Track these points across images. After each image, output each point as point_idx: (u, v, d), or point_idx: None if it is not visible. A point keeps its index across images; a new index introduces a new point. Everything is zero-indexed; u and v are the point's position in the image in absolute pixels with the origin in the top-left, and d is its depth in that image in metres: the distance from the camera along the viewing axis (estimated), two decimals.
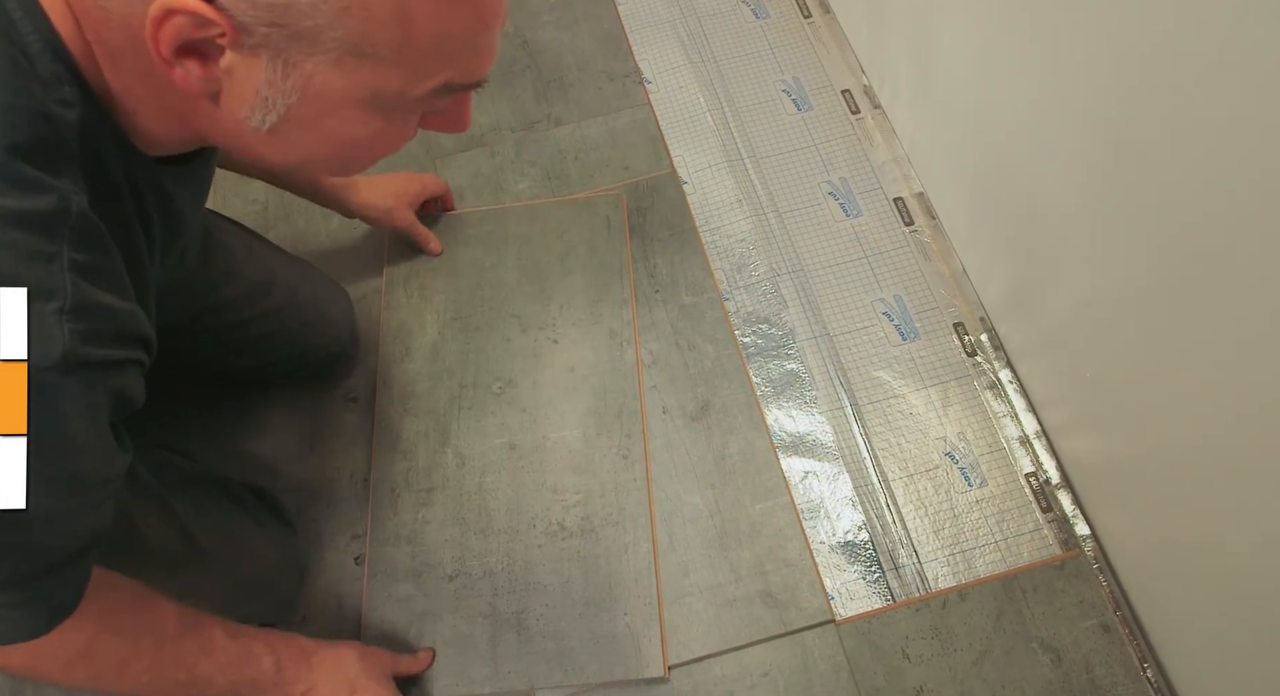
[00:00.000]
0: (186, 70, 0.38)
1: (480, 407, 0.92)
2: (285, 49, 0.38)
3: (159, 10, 0.35)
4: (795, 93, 1.12)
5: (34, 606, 0.46)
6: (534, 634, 0.83)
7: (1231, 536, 0.64)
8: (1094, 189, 0.68)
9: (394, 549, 0.87)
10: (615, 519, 0.87)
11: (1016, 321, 0.91)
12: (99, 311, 0.39)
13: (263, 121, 0.41)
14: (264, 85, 0.39)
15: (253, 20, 0.36)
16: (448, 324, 0.98)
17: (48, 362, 0.36)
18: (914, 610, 0.83)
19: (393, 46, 0.38)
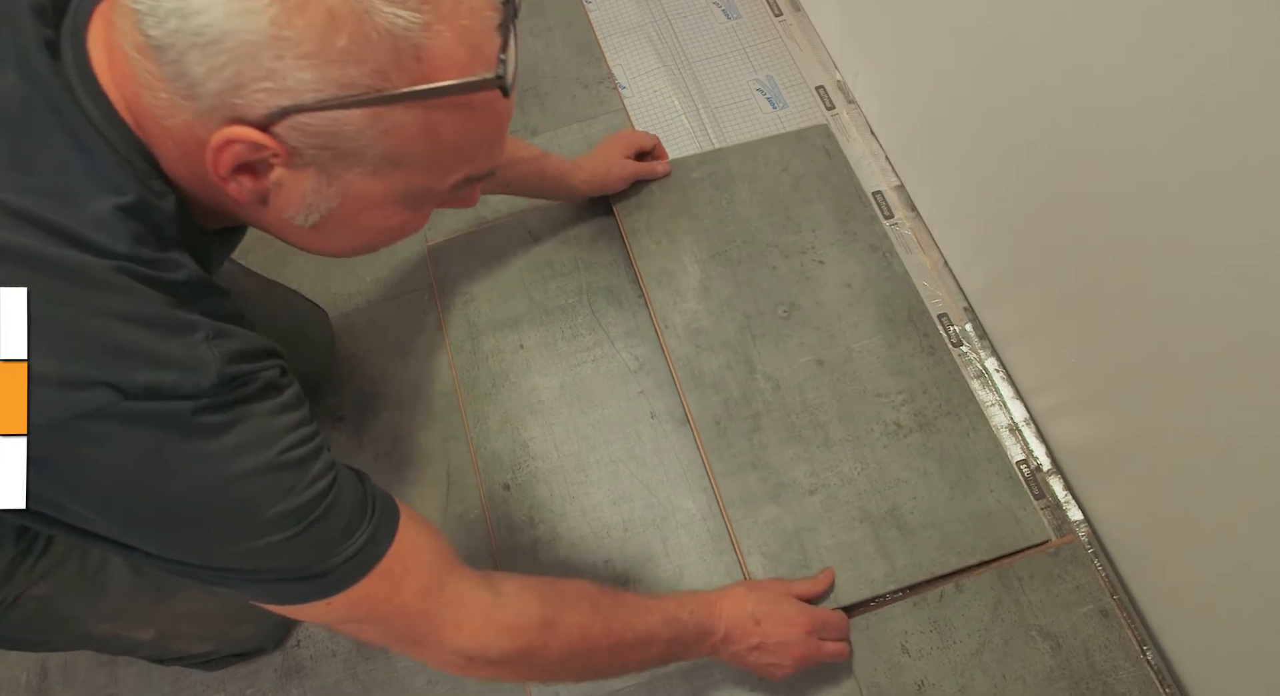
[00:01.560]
0: (240, 183, 0.44)
1: (774, 333, 0.96)
2: (330, 165, 0.44)
3: (221, 139, 0.41)
4: (770, 91, 1.12)
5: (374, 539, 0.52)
6: (914, 526, 0.85)
7: (1223, 515, 0.65)
8: (1069, 175, 0.68)
9: (743, 476, 0.89)
10: (946, 409, 0.91)
11: (999, 309, 0.91)
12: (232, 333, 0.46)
13: (305, 219, 0.47)
14: (309, 193, 0.45)
15: (303, 144, 0.42)
16: (707, 261, 1.01)
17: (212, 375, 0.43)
18: (912, 604, 0.83)
19: (423, 156, 0.44)
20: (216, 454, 0.43)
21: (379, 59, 0.39)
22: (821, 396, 0.92)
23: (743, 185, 1.06)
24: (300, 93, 0.39)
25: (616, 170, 1.02)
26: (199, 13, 0.38)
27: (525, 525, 0.90)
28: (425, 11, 0.39)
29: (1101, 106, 0.62)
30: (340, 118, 0.41)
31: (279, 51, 0.38)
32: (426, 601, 0.54)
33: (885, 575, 0.83)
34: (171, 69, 0.40)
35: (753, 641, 0.74)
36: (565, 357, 0.98)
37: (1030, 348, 0.88)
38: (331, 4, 0.38)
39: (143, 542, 0.45)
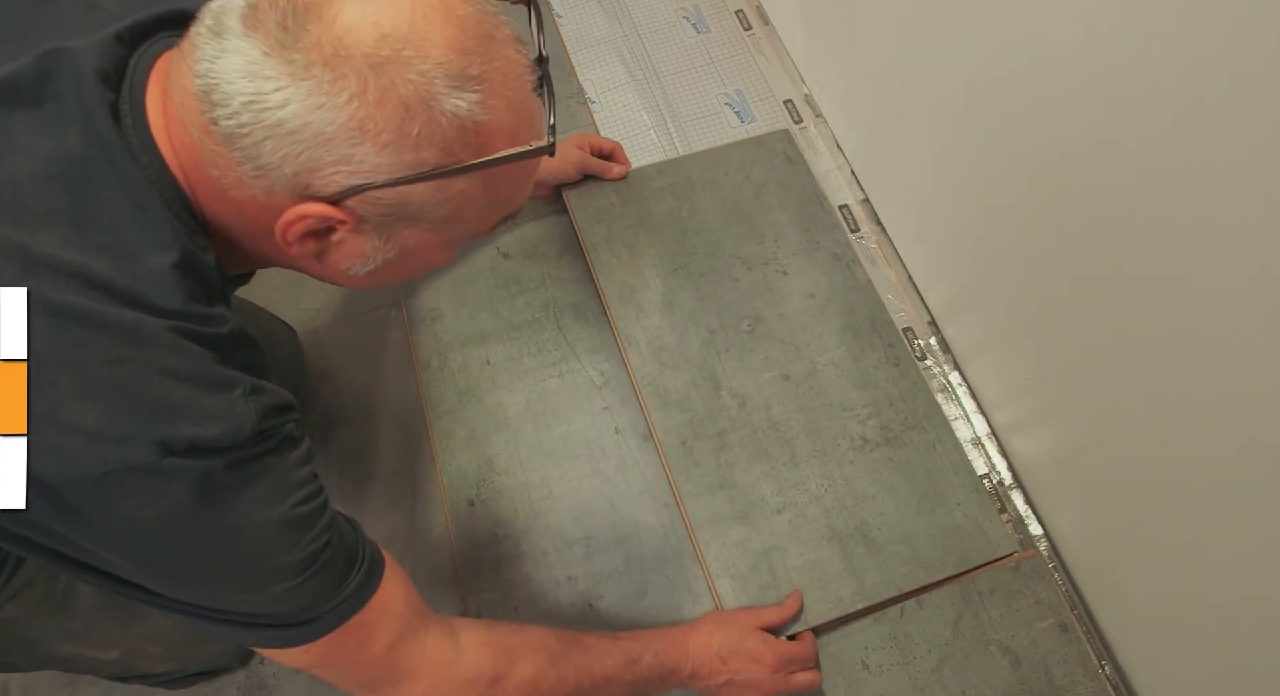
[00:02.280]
0: (303, 245, 0.48)
1: (739, 347, 0.96)
2: (392, 226, 0.48)
3: (294, 215, 0.45)
4: (738, 105, 1.13)
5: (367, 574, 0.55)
6: (882, 542, 0.85)
7: (1178, 532, 0.66)
8: (1031, 192, 0.69)
9: (710, 497, 0.89)
10: (912, 422, 0.91)
11: (961, 323, 0.91)
12: (266, 389, 0.49)
13: (360, 270, 0.52)
14: (369, 250, 0.50)
15: (371, 213, 0.46)
16: (670, 275, 1.00)
17: (247, 430, 0.45)
18: (873, 620, 0.83)
19: (478, 210, 0.50)
20: (238, 507, 0.46)
21: (446, 140, 0.44)
22: (788, 412, 0.93)
23: (704, 194, 1.06)
24: (374, 174, 0.44)
25: (568, 154, 1.02)
26: (277, 107, 0.41)
27: (489, 541, 0.91)
28: (482, 90, 0.44)
29: (1062, 124, 0.62)
30: (409, 191, 0.45)
31: (357, 140, 0.43)
32: (393, 653, 0.56)
33: (854, 593, 0.84)
34: (242, 154, 0.43)
35: (720, 679, 0.75)
36: (531, 373, 0.98)
37: (991, 362, 0.89)
38: (405, 96, 0.42)
39: (150, 583, 0.47)
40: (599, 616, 0.86)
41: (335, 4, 0.42)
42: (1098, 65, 0.56)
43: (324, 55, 0.41)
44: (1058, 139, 0.63)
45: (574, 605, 0.87)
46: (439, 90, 0.43)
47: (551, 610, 0.86)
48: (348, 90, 0.41)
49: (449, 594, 0.89)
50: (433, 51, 0.43)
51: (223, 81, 0.42)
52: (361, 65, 0.41)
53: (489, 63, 0.44)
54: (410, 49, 0.42)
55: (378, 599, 0.55)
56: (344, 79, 0.41)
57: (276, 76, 0.41)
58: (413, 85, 0.42)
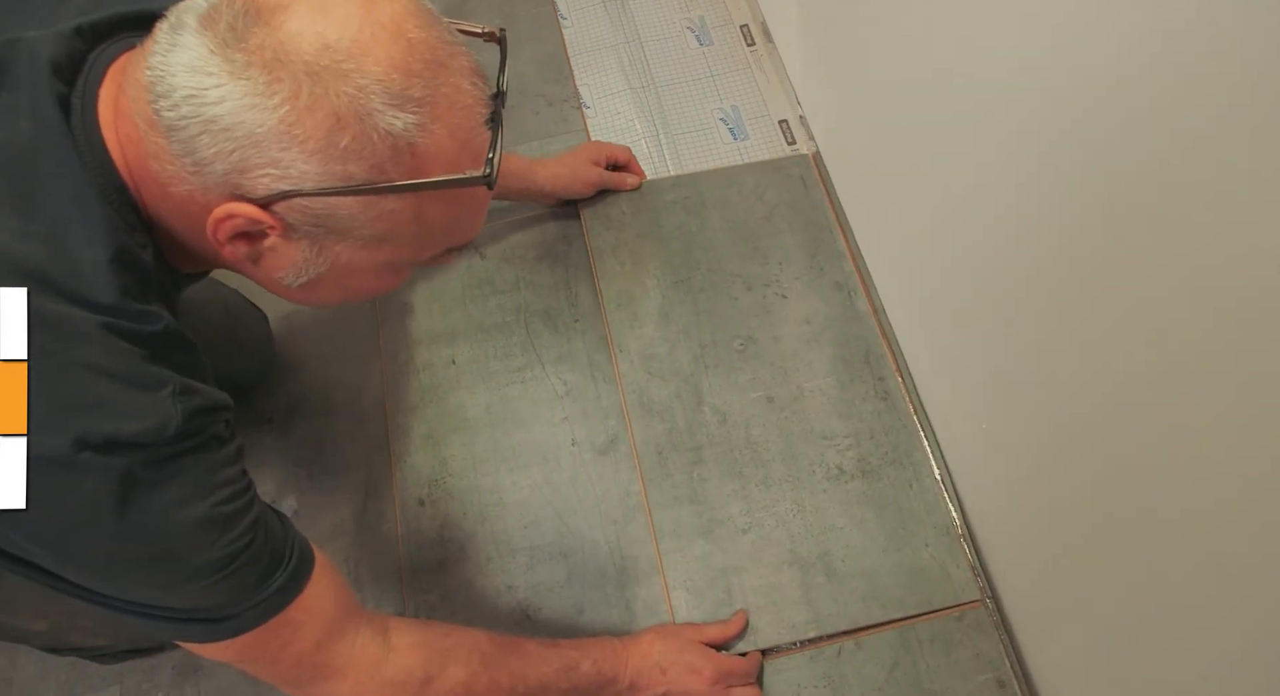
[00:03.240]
0: (235, 247, 0.48)
1: (728, 365, 0.98)
2: (322, 238, 0.49)
3: (223, 213, 0.45)
4: (732, 121, 1.13)
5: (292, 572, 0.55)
6: (843, 574, 0.87)
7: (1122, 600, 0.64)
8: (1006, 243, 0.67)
9: (678, 509, 0.91)
10: (892, 458, 0.92)
11: (928, 362, 0.90)
12: (196, 390, 0.49)
13: (294, 280, 0.52)
14: (300, 260, 0.50)
15: (299, 222, 0.47)
16: (670, 287, 1.03)
17: (171, 429, 0.46)
18: (809, 657, 0.83)
19: (410, 234, 0.50)
20: (155, 504, 0.47)
21: (377, 156, 0.45)
22: (767, 434, 0.94)
23: (715, 211, 1.08)
24: (301, 180, 0.44)
25: (582, 173, 1.04)
26: (214, 103, 0.43)
27: (435, 542, 0.91)
28: (422, 113, 0.45)
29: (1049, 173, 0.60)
30: (336, 203, 0.46)
31: (285, 144, 0.43)
32: (319, 652, 0.58)
33: (807, 622, 0.85)
34: (181, 147, 0.44)
35: (658, 690, 0.77)
36: (495, 377, 0.99)
37: (953, 407, 0.87)
38: (338, 107, 0.43)
39: (68, 574, 0.48)
40: (535, 628, 0.87)
41: (286, 12, 0.43)
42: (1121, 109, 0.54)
43: (264, 58, 0.42)
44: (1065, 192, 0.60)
45: (511, 614, 0.87)
46: (375, 106, 0.43)
47: (489, 617, 0.87)
48: (280, 93, 0.42)
49: (391, 591, 0.90)
50: (373, 68, 0.43)
51: (168, 74, 0.43)
52: (299, 71, 0.42)
53: (434, 88, 0.45)
54: (350, 63, 0.43)
55: (304, 597, 0.56)
56: (279, 82, 0.42)
57: (217, 73, 0.42)
58: (347, 97, 0.43)
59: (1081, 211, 0.57)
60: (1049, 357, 0.66)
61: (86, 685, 0.88)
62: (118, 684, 0.89)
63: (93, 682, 0.88)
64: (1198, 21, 0.43)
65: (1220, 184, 0.44)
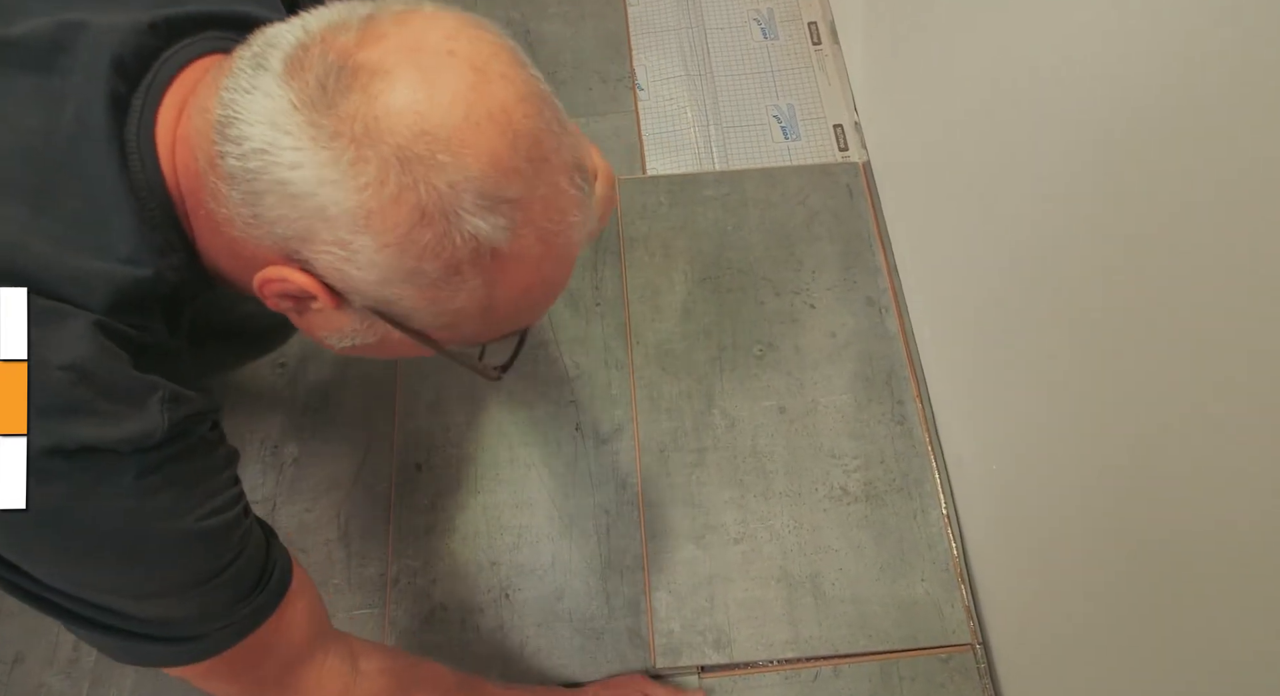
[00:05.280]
0: (279, 303, 0.45)
1: (744, 370, 0.97)
2: (376, 320, 0.45)
3: (274, 275, 0.42)
4: (786, 119, 1.12)
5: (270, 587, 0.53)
6: (831, 599, 0.86)
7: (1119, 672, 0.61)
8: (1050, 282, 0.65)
9: (672, 509, 0.92)
10: (899, 485, 0.91)
11: (950, 390, 0.87)
12: (185, 398, 0.46)
13: (338, 343, 0.48)
14: (348, 330, 0.46)
15: (356, 301, 0.43)
16: (697, 284, 1.03)
17: (156, 436, 0.44)
18: (784, 677, 0.82)
19: (474, 326, 0.46)
20: (131, 514, 0.44)
21: (455, 257, 0.41)
22: (774, 445, 0.94)
23: (754, 212, 1.07)
24: (368, 269, 0.41)
25: None
26: (288, 166, 0.39)
27: (426, 508, 0.92)
28: (514, 217, 0.41)
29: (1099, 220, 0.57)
30: (400, 294, 0.42)
31: (359, 229, 0.39)
32: (287, 675, 0.56)
33: (787, 641, 0.85)
34: (242, 196, 0.41)
35: None
36: None
37: (968, 436, 0.84)
38: (425, 202, 0.39)
39: (27, 566, 0.45)
40: (512, 608, 0.86)
41: (386, 81, 0.38)
42: None
43: (353, 130, 0.38)
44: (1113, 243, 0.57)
45: (490, 591, 0.87)
46: (465, 206, 0.39)
47: (467, 592, 0.88)
48: (365, 175, 0.38)
49: (376, 550, 0.91)
50: (472, 164, 0.39)
51: (242, 119, 0.39)
52: (389, 154, 0.38)
53: (532, 188, 0.41)
54: (448, 155, 0.39)
55: (277, 618, 0.53)
56: (365, 162, 0.38)
57: (297, 135, 0.38)
58: (437, 193, 0.39)
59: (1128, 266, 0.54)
60: (1075, 411, 0.64)
61: None
62: None
63: None
64: None
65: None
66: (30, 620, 0.88)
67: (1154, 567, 0.56)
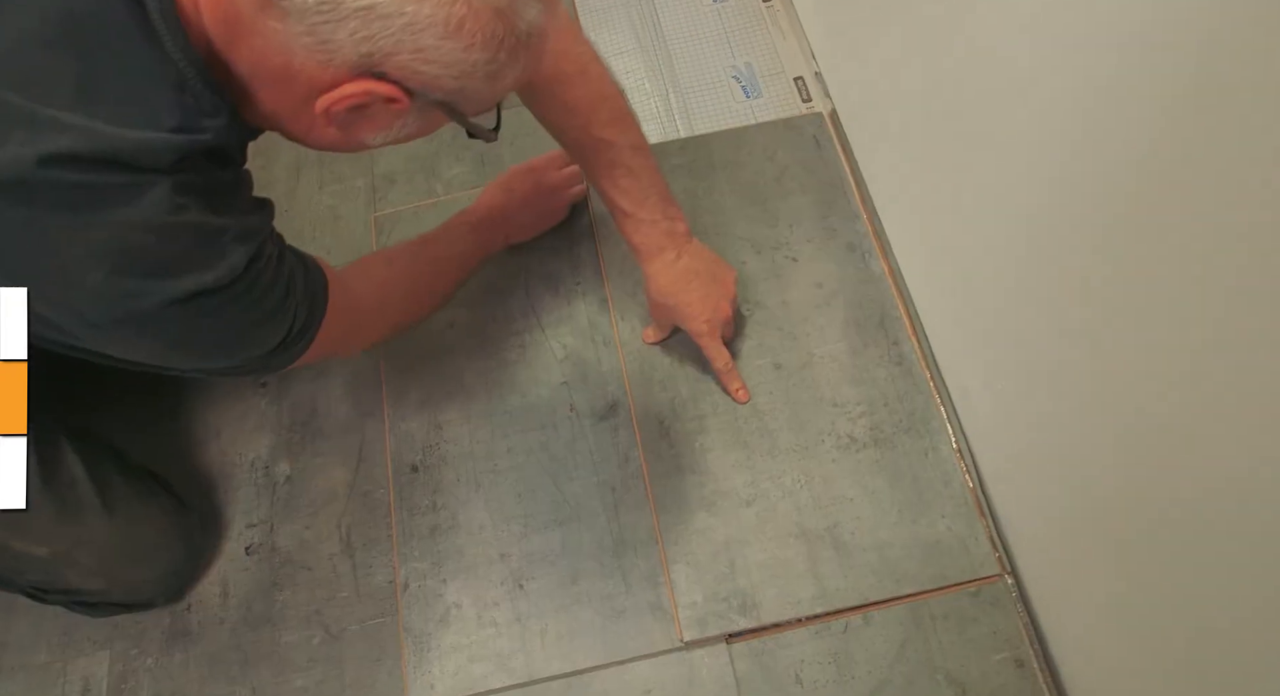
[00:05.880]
0: (332, 115, 0.52)
1: (734, 331, 0.95)
2: (434, 110, 0.54)
3: (357, 89, 0.49)
4: (745, 79, 1.11)
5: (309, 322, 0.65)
6: (853, 548, 0.85)
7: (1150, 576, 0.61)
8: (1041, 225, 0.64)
9: (679, 479, 0.90)
10: (906, 425, 0.90)
11: (946, 323, 0.85)
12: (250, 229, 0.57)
13: (378, 141, 0.57)
14: (397, 126, 0.55)
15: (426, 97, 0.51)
16: None
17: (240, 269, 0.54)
18: (813, 632, 0.80)
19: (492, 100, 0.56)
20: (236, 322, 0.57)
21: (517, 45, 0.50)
22: (774, 402, 0.92)
23: (723, 174, 1.07)
24: (450, 67, 0.49)
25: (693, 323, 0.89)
26: None
27: (427, 509, 0.90)
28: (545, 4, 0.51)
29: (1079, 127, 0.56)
30: (470, 86, 0.51)
31: (448, 36, 0.47)
32: None
33: (814, 597, 0.83)
34: (308, 29, 0.47)
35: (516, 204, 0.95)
36: (494, 340, 0.97)
37: (969, 365, 0.83)
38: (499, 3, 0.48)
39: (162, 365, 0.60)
40: (527, 598, 0.84)
41: None
42: None
43: None
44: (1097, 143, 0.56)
45: (504, 583, 0.86)
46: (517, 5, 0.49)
47: (480, 587, 0.87)
48: None
49: (381, 557, 0.89)
50: None
51: None
52: None
53: None
54: None
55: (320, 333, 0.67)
56: None
57: None
58: None
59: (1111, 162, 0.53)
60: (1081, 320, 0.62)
61: (78, 648, 0.89)
62: (108, 648, 0.89)
63: (83, 647, 0.89)
64: None
65: None
66: None
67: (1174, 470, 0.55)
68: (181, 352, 0.59)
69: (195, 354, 0.60)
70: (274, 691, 0.85)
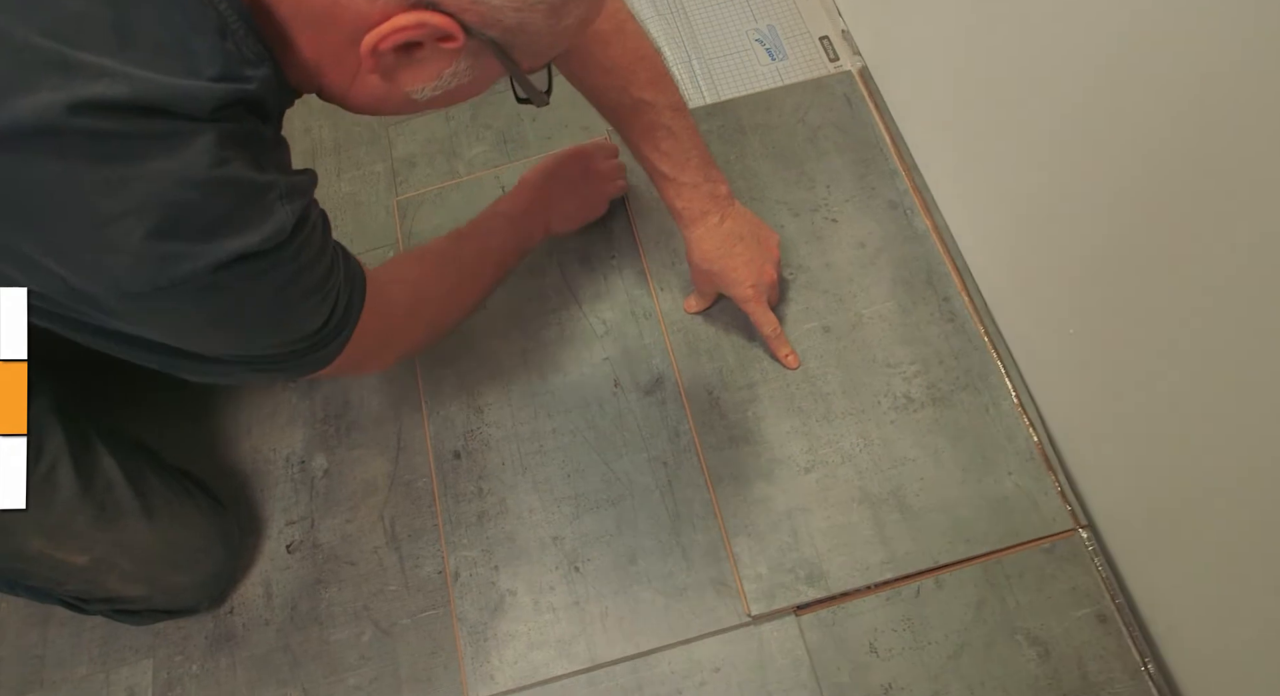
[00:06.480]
0: (385, 59, 0.49)
1: (779, 296, 0.92)
2: (487, 50, 0.50)
3: (411, 21, 0.46)
4: (770, 41, 1.09)
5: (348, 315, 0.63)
6: (919, 510, 0.83)
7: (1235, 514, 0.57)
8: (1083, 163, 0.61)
9: (734, 450, 0.87)
10: (964, 382, 0.88)
11: (999, 273, 0.83)
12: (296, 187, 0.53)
13: (427, 93, 0.53)
14: (448, 72, 0.52)
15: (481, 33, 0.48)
16: None
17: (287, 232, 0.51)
18: (884, 599, 0.77)
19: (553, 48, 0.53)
20: (281, 296, 0.54)
21: None
22: (825, 366, 0.90)
23: (754, 138, 1.04)
24: None
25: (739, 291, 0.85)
26: None
27: (473, 495, 0.87)
28: None
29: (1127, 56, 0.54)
30: (530, 19, 0.48)
31: None
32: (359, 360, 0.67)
33: (883, 562, 0.81)
34: None
35: (558, 191, 0.88)
36: (529, 320, 0.94)
37: (1028, 318, 0.80)
38: None
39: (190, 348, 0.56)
40: (584, 580, 0.82)
41: None
42: None
43: None
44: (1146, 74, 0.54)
45: (559, 567, 0.83)
46: None
47: (533, 572, 0.84)
48: None
49: (429, 548, 0.87)
50: None
51: None
52: None
53: None
54: None
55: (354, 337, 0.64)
56: None
57: None
58: None
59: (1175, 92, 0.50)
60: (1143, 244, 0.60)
61: (119, 657, 0.86)
62: (150, 656, 0.86)
63: (125, 655, 0.86)
64: None
65: None
66: None
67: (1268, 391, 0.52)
68: (222, 329, 0.55)
69: (235, 331, 0.56)
70: (326, 692, 0.83)
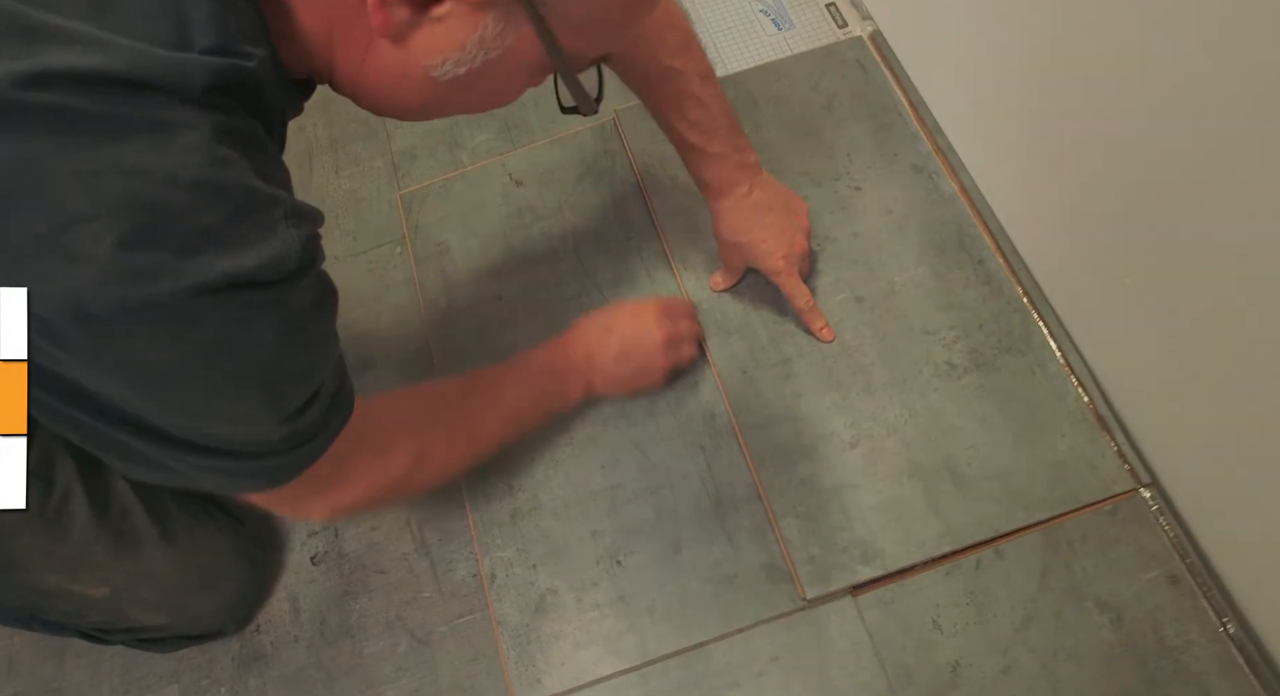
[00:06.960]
0: (396, 13, 0.42)
1: (809, 268, 0.89)
2: (516, 13, 0.43)
3: None
4: (774, 11, 1.07)
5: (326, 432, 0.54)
6: (972, 479, 0.80)
7: None
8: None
9: (774, 430, 0.84)
10: (1006, 345, 0.85)
11: (1037, 232, 0.80)
12: (303, 210, 0.45)
13: (448, 70, 0.45)
14: (472, 40, 0.43)
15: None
16: None
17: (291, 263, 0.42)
18: (944, 573, 0.75)
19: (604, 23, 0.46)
20: (268, 344, 0.44)
21: None
22: (861, 337, 0.87)
23: (767, 109, 1.01)
24: None
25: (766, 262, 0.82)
26: None
27: (504, 493, 0.84)
28: None
29: None
30: None
31: None
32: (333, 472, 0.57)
33: (940, 535, 0.78)
34: None
35: (613, 350, 0.78)
36: (548, 308, 0.92)
37: (1080, 284, 0.78)
38: None
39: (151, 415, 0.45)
40: (628, 574, 0.79)
41: None
42: None
43: None
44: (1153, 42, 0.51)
45: (600, 562, 0.80)
46: None
47: (574, 569, 0.81)
48: None
49: (462, 550, 0.84)
50: None
51: None
52: None
53: None
54: None
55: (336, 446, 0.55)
56: None
57: None
58: None
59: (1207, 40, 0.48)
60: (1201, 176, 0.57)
61: (142, 686, 0.83)
62: (175, 682, 0.83)
63: (149, 682, 0.83)
64: None
65: None
66: None
67: None
68: (195, 381, 0.43)
69: (210, 386, 0.44)
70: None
